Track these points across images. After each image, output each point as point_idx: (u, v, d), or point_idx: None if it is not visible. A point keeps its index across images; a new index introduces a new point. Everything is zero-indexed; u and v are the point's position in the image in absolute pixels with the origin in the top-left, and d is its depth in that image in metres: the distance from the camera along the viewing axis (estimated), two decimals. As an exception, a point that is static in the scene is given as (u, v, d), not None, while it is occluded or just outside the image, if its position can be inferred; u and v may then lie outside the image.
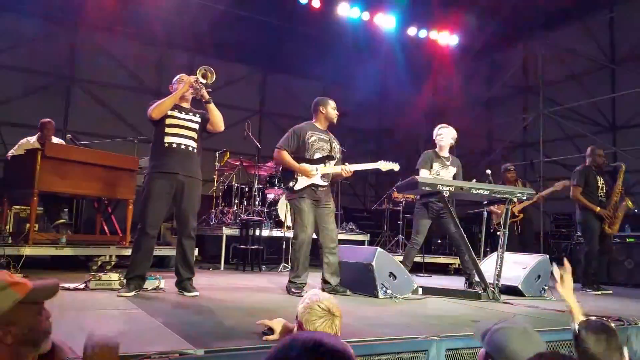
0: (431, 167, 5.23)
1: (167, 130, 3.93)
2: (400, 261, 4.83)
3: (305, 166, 4.31)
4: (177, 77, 4.18)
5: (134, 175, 5.69)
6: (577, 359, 1.89)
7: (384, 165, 4.66)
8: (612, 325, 1.93)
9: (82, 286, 3.77)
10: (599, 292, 5.60)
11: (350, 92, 11.38)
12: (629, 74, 8.40)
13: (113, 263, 5.26)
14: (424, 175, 5.09)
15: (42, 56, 9.91)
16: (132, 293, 3.66)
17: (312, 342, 0.98)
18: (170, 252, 5.69)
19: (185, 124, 3.99)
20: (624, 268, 6.91)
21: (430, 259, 8.05)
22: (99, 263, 5.17)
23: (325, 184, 4.41)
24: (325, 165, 4.39)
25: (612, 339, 1.85)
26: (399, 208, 8.68)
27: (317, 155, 4.38)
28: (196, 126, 4.06)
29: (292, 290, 4.20)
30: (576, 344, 1.91)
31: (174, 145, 3.92)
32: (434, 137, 5.42)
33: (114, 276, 3.91)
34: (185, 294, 3.84)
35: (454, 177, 5.29)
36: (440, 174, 5.21)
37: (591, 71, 9.40)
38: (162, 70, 10.93)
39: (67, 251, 5.15)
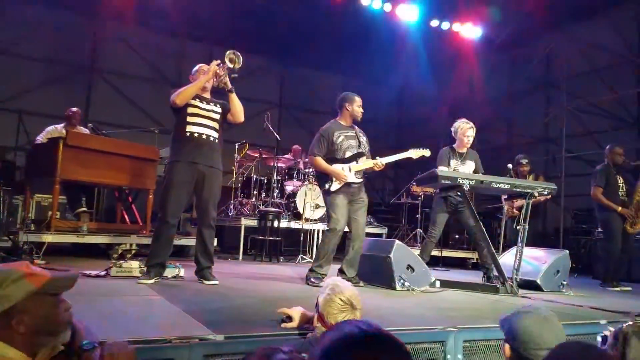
0: (448, 165, 5.17)
1: (189, 119, 3.94)
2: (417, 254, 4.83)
3: (339, 170, 4.33)
4: (197, 67, 4.20)
5: (155, 165, 5.75)
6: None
7: (415, 153, 4.66)
8: None
9: (103, 273, 3.84)
10: (618, 289, 5.52)
11: (370, 85, 11.33)
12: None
13: (134, 252, 5.33)
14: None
15: (64, 46, 10.09)
16: (153, 280, 3.71)
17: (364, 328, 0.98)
18: (190, 241, 5.76)
19: (207, 114, 4.01)
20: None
21: (448, 253, 8.00)
22: (120, 251, 5.24)
23: (360, 180, 4.45)
24: (357, 163, 4.42)
25: None
26: (417, 202, 8.64)
27: (348, 154, 4.41)
28: (217, 116, 4.07)
29: (312, 280, 4.22)
30: (619, 344, 1.89)
31: (196, 134, 3.93)
32: (461, 135, 5.27)
33: (135, 264, 3.97)
34: (205, 282, 3.88)
35: (475, 171, 5.24)
36: (459, 169, 5.16)
37: (616, 66, 9.17)
38: (181, 62, 11.03)
39: (88, 239, 5.24)
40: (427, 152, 4.69)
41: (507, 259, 4.90)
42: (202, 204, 4.01)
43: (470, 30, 10.38)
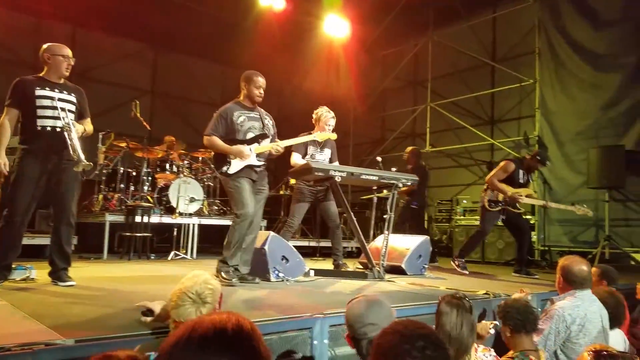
0: (306, 152, 5.22)
1: (40, 112, 3.57)
2: None
3: (238, 146, 4.04)
4: (47, 46, 3.77)
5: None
6: (436, 328, 2.09)
7: (320, 136, 4.61)
8: (466, 301, 2.14)
9: None
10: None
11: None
12: (506, 72, 9.13)
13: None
14: (296, 159, 5.12)
15: None
16: (-4, 285, 3.32)
17: (214, 328, 0.94)
18: (46, 240, 5.25)
19: (61, 105, 3.63)
20: (495, 248, 7.60)
21: (325, 243, 8.22)
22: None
23: (262, 163, 4.17)
24: (259, 144, 4.14)
25: (464, 313, 2.06)
26: (294, 194, 8.75)
27: (250, 135, 4.11)
28: (73, 107, 3.74)
29: (223, 275, 3.87)
30: (437, 316, 2.12)
31: (49, 128, 3.58)
32: (323, 124, 5.24)
33: (-27, 268, 3.50)
34: (60, 284, 3.57)
35: (330, 159, 5.40)
36: (316, 157, 5.25)
37: (474, 68, 10.09)
38: (39, 42, 9.90)
39: None
40: (333, 136, 4.64)
41: (374, 246, 5.17)
42: (59, 200, 3.67)
43: (346, 29, 10.70)
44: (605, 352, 1.49)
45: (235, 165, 4.05)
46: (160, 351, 0.96)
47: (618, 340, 3.05)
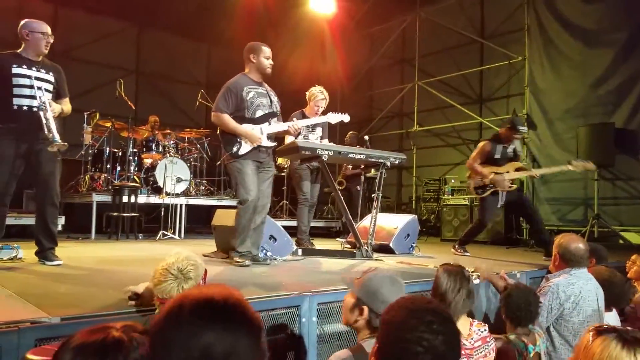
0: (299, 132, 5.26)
1: (16, 91, 3.50)
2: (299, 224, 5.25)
3: (250, 130, 3.88)
4: (26, 22, 3.68)
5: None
6: (433, 291, 2.12)
7: (333, 117, 4.56)
8: (466, 270, 2.17)
9: None
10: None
11: (235, 56, 11.01)
12: (494, 49, 9.08)
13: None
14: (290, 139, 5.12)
15: None
16: (-18, 265, 3.29)
17: (203, 299, 0.95)
18: (33, 221, 5.18)
19: (38, 84, 3.56)
20: (451, 226, 7.63)
21: (314, 223, 8.24)
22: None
23: (272, 145, 4.05)
24: (269, 124, 4.01)
25: (463, 280, 2.08)
26: (283, 174, 8.72)
27: (259, 113, 3.96)
28: (50, 87, 3.67)
29: (236, 259, 3.81)
30: (435, 280, 2.15)
31: (25, 108, 3.52)
32: (313, 104, 5.32)
33: (-41, 249, 3.47)
34: (47, 263, 3.56)
35: (321, 136, 5.41)
36: (309, 137, 5.27)
37: (463, 46, 9.97)
38: (21, 20, 9.66)
39: None
40: (346, 118, 4.55)
41: (362, 225, 5.19)
42: (40, 181, 3.62)
43: (333, 6, 10.56)
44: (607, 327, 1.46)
45: (245, 146, 3.90)
46: (152, 326, 0.96)
47: (616, 320, 3.06)
